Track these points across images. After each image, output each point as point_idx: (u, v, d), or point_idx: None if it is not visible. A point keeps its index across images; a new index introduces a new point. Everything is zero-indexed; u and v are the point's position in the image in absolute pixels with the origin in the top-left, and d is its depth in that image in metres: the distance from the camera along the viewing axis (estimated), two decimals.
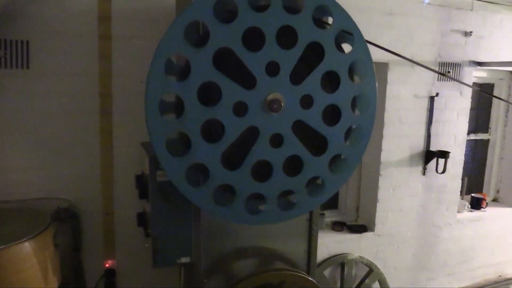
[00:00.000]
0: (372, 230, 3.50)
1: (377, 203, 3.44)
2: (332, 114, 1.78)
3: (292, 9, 1.58)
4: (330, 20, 1.67)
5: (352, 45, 1.69)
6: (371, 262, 3.47)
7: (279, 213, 1.81)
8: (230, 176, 1.66)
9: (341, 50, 1.70)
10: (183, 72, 1.57)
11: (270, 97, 1.60)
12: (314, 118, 1.70)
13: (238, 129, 1.61)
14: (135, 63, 2.53)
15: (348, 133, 1.78)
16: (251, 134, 1.64)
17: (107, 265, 2.67)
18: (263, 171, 1.72)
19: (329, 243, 3.34)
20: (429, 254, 3.83)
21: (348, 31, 1.67)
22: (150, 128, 1.53)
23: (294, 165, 1.75)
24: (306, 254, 2.39)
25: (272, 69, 1.59)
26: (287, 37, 1.59)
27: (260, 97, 1.59)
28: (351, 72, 1.74)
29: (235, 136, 1.61)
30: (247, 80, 1.58)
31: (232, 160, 1.67)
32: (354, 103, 1.75)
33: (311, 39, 1.61)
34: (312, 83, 1.66)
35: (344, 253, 3.39)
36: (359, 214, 3.65)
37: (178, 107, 1.58)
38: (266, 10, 1.53)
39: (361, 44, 1.69)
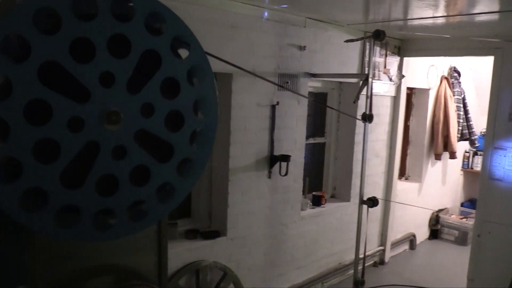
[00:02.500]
0: (225, 234, 3.62)
1: (228, 208, 3.57)
2: (176, 120, 1.79)
3: (123, 17, 1.56)
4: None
5: (189, 50, 1.73)
6: (225, 266, 3.58)
7: (131, 225, 1.75)
8: (72, 195, 1.55)
9: (178, 56, 1.72)
10: (5, 91, 1.42)
11: (107, 109, 1.54)
12: (156, 125, 1.69)
13: (76, 146, 1.51)
14: None
15: (193, 136, 1.81)
16: (92, 149, 1.56)
17: None
18: (109, 185, 1.66)
19: (183, 252, 3.35)
20: (278, 251, 4.10)
21: (183, 37, 1.70)
22: None
23: (141, 174, 1.72)
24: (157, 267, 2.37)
25: (107, 80, 1.54)
26: (123, 45, 1.56)
27: (96, 110, 1.52)
28: (190, 77, 1.77)
29: (73, 154, 1.51)
30: (81, 94, 1.50)
31: (74, 177, 1.57)
32: (196, 107, 1.79)
33: (146, 46, 1.60)
34: (152, 91, 1.65)
35: (198, 260, 3.43)
36: (211, 220, 3.74)
37: (2, 130, 1.43)
38: (94, 19, 1.48)
39: (197, 48, 1.73)
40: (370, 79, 3.51)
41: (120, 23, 1.53)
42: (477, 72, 6.68)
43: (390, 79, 5.12)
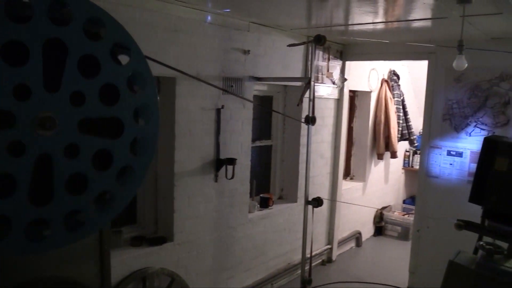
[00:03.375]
0: (172, 240, 3.58)
1: (174, 213, 3.54)
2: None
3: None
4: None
5: (129, 56, 1.70)
6: (172, 272, 3.54)
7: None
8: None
9: (118, 62, 1.69)
10: None
11: (41, 114, 1.49)
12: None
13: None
14: None
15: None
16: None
17: None
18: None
19: (129, 260, 3.28)
20: (226, 254, 4.11)
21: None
22: None
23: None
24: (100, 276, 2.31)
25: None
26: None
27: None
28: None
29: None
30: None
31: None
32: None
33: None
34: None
35: (144, 268, 3.37)
36: (158, 226, 3.69)
37: None
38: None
39: (138, 54, 1.71)
40: (312, 83, 3.61)
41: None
42: (415, 75, 7.02)
43: (333, 83, 5.27)
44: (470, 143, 4.48)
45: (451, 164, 4.63)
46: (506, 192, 2.55)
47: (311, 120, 3.56)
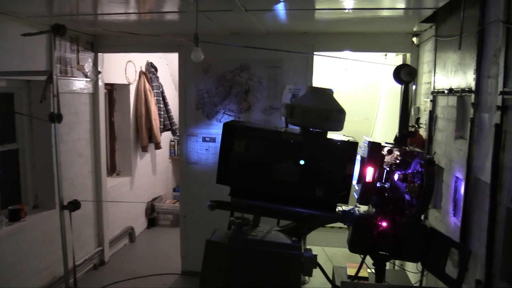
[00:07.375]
0: None
1: None
2: None
3: None
4: None
5: None
6: None
7: None
8: None
9: None
10: None
11: None
12: None
13: None
14: None
15: None
16: None
17: None
18: None
19: None
20: None
21: None
22: None
23: None
24: None
25: None
26: None
27: None
28: None
29: None
30: None
31: None
32: None
33: None
34: None
35: None
36: None
37: None
38: None
39: None
40: (54, 76, 3.29)
41: None
42: (174, 67, 7.24)
43: (86, 76, 4.97)
44: (221, 128, 4.87)
45: (207, 149, 4.97)
46: (246, 171, 2.86)
47: (56, 117, 3.25)
